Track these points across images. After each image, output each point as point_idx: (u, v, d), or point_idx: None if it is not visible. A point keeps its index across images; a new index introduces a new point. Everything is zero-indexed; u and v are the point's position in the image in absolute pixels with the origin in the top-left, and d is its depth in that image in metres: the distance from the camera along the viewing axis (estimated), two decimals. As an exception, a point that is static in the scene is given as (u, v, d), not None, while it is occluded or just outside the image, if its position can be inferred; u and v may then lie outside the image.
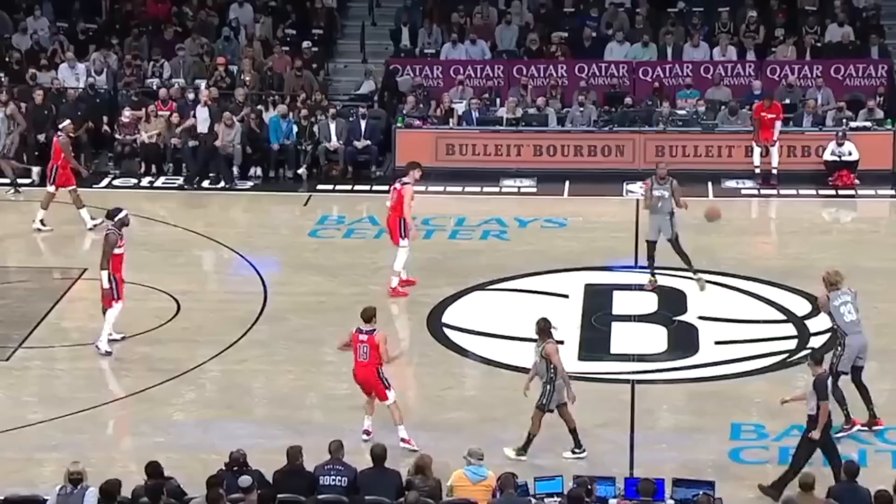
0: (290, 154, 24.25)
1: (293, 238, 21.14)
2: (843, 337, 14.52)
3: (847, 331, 14.49)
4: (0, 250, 20.13)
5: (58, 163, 20.87)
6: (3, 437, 14.55)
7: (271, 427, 14.86)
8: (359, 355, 14.54)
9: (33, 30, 26.79)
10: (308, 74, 25.78)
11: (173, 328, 17.49)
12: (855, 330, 14.50)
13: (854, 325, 14.50)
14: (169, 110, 24.55)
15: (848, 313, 14.51)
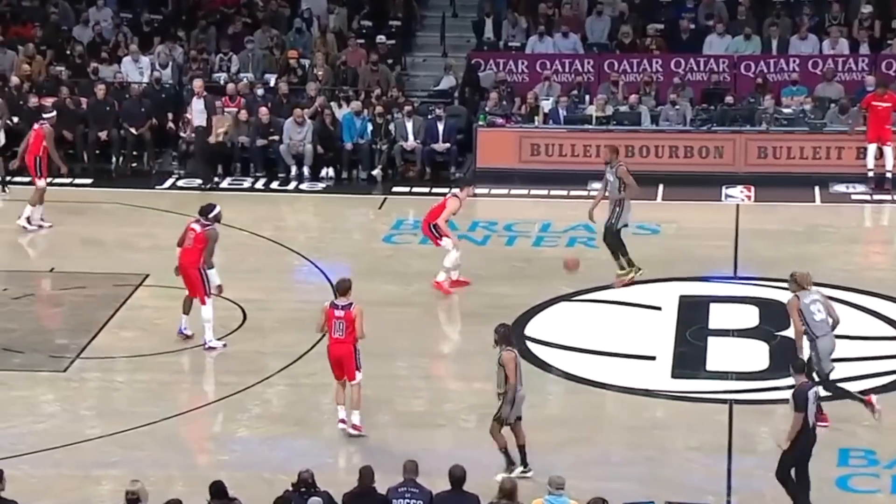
0: (363, 154, 24.32)
1: (366, 243, 21.19)
2: (814, 340, 14.87)
3: (816, 332, 14.86)
4: (56, 254, 20.36)
5: (40, 153, 21.05)
6: (60, 453, 14.70)
7: (341, 445, 14.89)
8: (334, 331, 14.85)
9: (96, 21, 27.11)
10: (384, 69, 25.85)
11: (238, 338, 17.59)
12: (824, 331, 14.89)
13: (823, 326, 14.89)
14: (237, 107, 24.73)
15: (818, 311, 14.90)
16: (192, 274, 17.07)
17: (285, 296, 19.10)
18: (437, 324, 18.28)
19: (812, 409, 13.32)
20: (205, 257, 17.02)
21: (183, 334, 17.33)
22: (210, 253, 17.03)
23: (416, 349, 17.49)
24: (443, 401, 16.26)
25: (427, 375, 16.88)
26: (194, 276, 17.05)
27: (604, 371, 16.61)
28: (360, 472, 12.56)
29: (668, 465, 14.53)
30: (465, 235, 21.54)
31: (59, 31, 27.04)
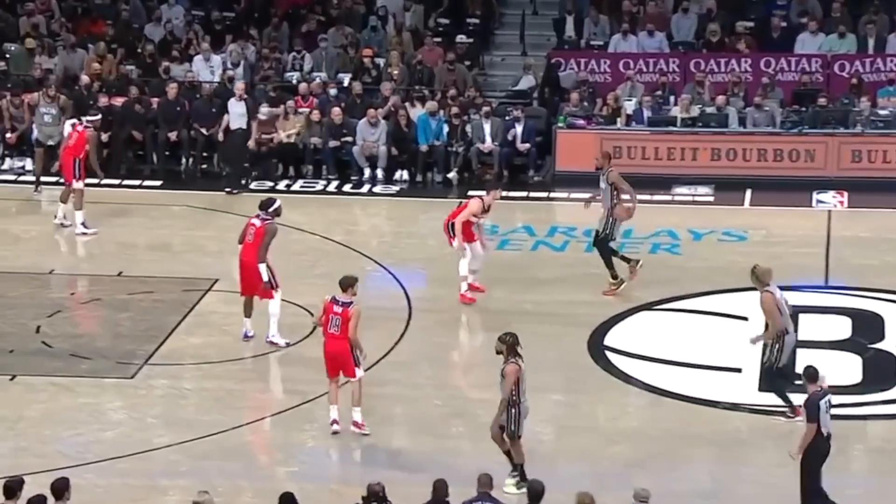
0: (439, 155, 24.37)
1: (441, 248, 21.13)
2: (783, 335, 15.34)
3: (789, 328, 15.40)
4: (125, 258, 20.58)
5: (80, 155, 21.24)
6: (127, 462, 14.84)
7: (414, 457, 14.92)
8: (330, 326, 15.09)
9: (167, 19, 27.36)
10: (461, 68, 25.88)
11: (308, 346, 17.68)
12: (791, 327, 15.51)
13: (789, 322, 15.48)
14: (309, 107, 24.88)
15: (785, 307, 15.46)
16: (251, 270, 17.24)
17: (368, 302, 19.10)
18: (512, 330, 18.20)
19: (825, 419, 13.32)
20: (260, 252, 17.17)
21: (248, 338, 17.45)
22: (265, 247, 17.20)
23: (490, 358, 17.45)
24: (518, 413, 16.23)
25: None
26: (254, 273, 17.22)
27: (687, 383, 16.51)
28: (434, 486, 12.58)
29: (752, 481, 14.41)
30: (544, 241, 21.54)
31: (131, 29, 27.31)
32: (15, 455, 14.86)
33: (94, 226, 21.64)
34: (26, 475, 12.36)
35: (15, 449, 15.06)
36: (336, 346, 15.24)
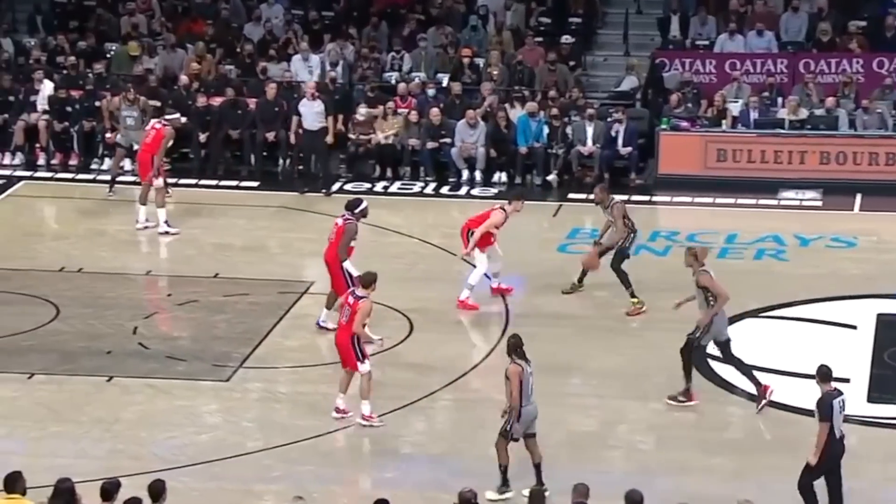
0: (538, 157, 24.36)
1: (539, 253, 21.20)
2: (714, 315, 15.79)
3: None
4: (221, 260, 20.81)
5: (156, 153, 21.43)
6: (221, 466, 15.00)
7: (510, 466, 14.91)
8: (342, 316, 15.69)
9: (266, 18, 27.61)
10: (562, 68, 25.85)
11: (405, 351, 17.78)
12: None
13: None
14: (407, 108, 24.98)
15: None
16: (333, 269, 17.47)
17: (453, 307, 19.21)
18: (612, 338, 18.21)
19: (838, 420, 13.32)
20: (339, 250, 17.39)
21: (322, 327, 17.65)
22: (344, 246, 17.41)
23: (590, 366, 17.46)
24: (617, 421, 16.20)
25: (600, 394, 16.83)
26: (335, 271, 17.44)
27: (793, 393, 16.34)
28: (531, 494, 12.58)
29: (862, 495, 14.23)
30: (645, 246, 21.44)
31: (230, 28, 27.58)
32: (111, 457, 15.09)
33: (192, 226, 21.91)
34: (122, 477, 12.55)
35: (111, 451, 15.29)
36: (339, 336, 15.75)
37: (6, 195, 23.58)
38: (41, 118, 25.11)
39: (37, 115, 25.20)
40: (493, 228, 18.81)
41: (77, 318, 18.45)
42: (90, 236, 21.58)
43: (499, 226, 18.88)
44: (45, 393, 16.53)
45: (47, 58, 26.53)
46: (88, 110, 25.10)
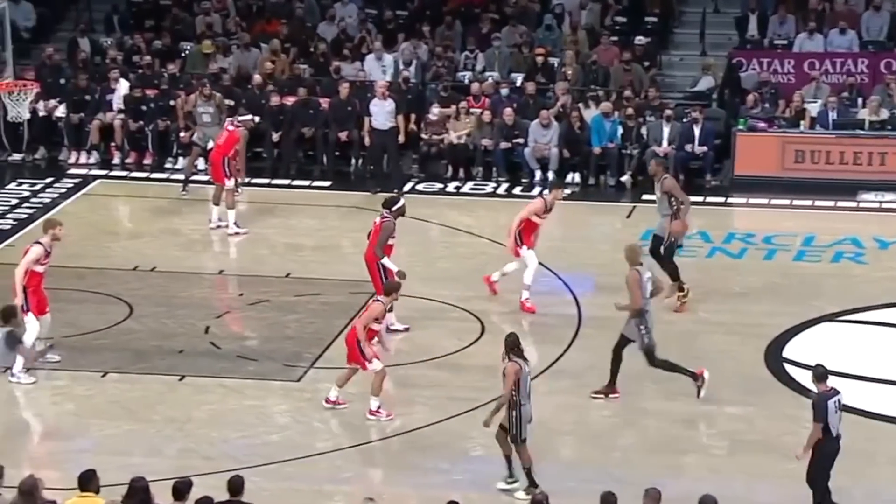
0: (612, 158, 24.29)
1: (613, 254, 20.98)
2: (645, 313, 15.99)
3: (647, 306, 16.07)
4: (293, 259, 20.92)
5: (229, 154, 21.52)
6: (292, 466, 15.08)
7: (581, 470, 14.92)
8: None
9: (340, 17, 27.73)
10: (637, 68, 25.77)
11: (476, 352, 17.80)
12: (649, 304, 16.20)
13: (648, 301, 16.16)
14: (481, 107, 25.00)
15: (649, 286, 16.23)
16: (371, 267, 17.69)
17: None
18: (688, 342, 18.11)
19: (834, 420, 13.40)
20: (375, 248, 17.55)
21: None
22: (381, 244, 17.55)
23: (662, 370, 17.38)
24: (690, 425, 16.12)
25: (674, 398, 16.75)
26: (373, 270, 17.67)
27: (872, 399, 16.19)
28: (602, 498, 12.56)
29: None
30: (720, 248, 21.34)
31: (304, 27, 27.73)
32: (183, 456, 15.23)
33: (264, 226, 22.06)
34: (194, 477, 12.66)
35: (183, 450, 15.43)
36: (349, 333, 15.97)
37: (81, 194, 23.85)
38: (116, 117, 25.39)
39: (112, 114, 25.48)
40: (534, 217, 18.72)
41: (150, 317, 18.63)
42: (163, 235, 21.78)
43: (539, 213, 18.79)
44: (117, 391, 16.72)
45: (123, 57, 26.80)
46: (163, 109, 25.33)
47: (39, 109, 25.25)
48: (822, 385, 13.61)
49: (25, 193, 23.63)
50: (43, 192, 23.72)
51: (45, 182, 24.17)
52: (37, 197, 23.52)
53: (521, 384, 14.28)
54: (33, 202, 23.27)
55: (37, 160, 25.37)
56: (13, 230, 21.92)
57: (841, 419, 13.53)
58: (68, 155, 25.38)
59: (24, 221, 22.33)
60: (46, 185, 24.03)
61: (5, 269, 18.04)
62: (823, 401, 13.47)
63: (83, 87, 25.65)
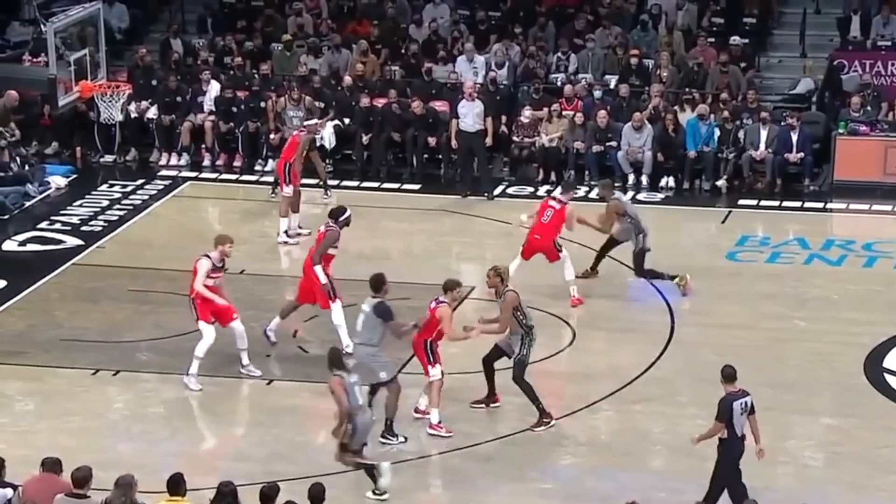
0: (708, 162, 24.16)
1: (708, 260, 21.05)
2: (530, 330, 15.95)
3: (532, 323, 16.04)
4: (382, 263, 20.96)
5: (291, 160, 21.56)
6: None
7: (672, 480, 14.87)
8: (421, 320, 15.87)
9: (432, 18, 27.82)
10: (735, 70, 25.61)
11: (566, 359, 17.80)
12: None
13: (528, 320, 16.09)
14: (573, 110, 24.97)
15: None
16: (307, 274, 17.81)
17: (617, 314, 19.18)
18: (783, 350, 18.00)
19: (740, 421, 13.66)
20: (314, 254, 17.71)
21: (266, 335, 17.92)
22: (320, 252, 17.71)
23: (758, 378, 17.20)
24: (786, 436, 16.01)
25: (770, 407, 16.58)
26: (310, 277, 17.77)
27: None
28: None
29: None
30: (818, 255, 21.17)
31: (396, 29, 27.84)
32: (270, 461, 15.36)
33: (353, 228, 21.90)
34: (281, 482, 12.79)
35: (270, 454, 15.56)
36: (415, 341, 15.96)
37: (172, 195, 24.13)
38: (207, 119, 25.65)
39: (203, 115, 25.73)
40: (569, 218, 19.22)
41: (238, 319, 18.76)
42: (252, 238, 21.97)
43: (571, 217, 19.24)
44: (205, 394, 16.90)
45: (215, 58, 27.07)
46: (254, 111, 25.54)
47: (131, 111, 25.59)
48: (729, 386, 13.83)
49: (116, 195, 23.94)
50: (133, 194, 24.01)
51: (136, 184, 24.46)
52: (127, 199, 23.81)
53: (350, 396, 14.38)
54: (124, 204, 23.57)
55: (128, 162, 25.68)
56: (104, 232, 22.22)
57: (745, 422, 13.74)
58: (159, 156, 25.67)
59: (115, 223, 22.63)
60: (137, 187, 24.32)
61: (98, 271, 18.31)
62: (729, 401, 13.68)
63: (174, 89, 25.92)
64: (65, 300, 19.60)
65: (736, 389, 13.86)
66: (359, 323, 15.91)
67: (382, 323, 15.79)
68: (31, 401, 16.88)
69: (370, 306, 15.88)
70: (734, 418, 13.68)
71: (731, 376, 13.93)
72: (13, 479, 12.85)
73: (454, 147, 24.28)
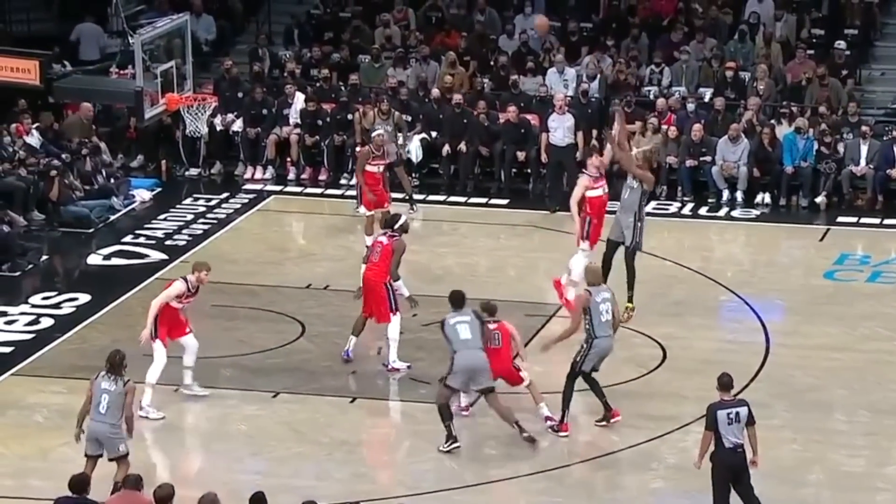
0: (806, 178, 23.96)
1: (804, 279, 20.86)
2: (593, 339, 16.01)
3: (598, 332, 16.00)
4: (468, 279, 20.99)
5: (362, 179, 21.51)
6: (463, 494, 15.15)
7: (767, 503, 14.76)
8: (492, 342, 16.22)
9: (522, 29, 27.82)
10: (835, 83, 25.37)
11: (657, 380, 17.71)
12: (606, 332, 16.11)
13: (606, 327, 16.10)
14: (667, 123, 24.87)
15: (605, 312, 16.07)
16: (378, 290, 17.66)
17: (710, 334, 19.07)
18: (884, 373, 17.79)
19: (728, 431, 13.70)
20: (391, 270, 17.62)
21: (347, 358, 17.92)
22: (396, 265, 17.64)
23: (857, 401, 17.11)
24: (886, 462, 15.84)
25: (869, 432, 16.47)
26: (380, 293, 17.64)
27: None
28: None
29: None
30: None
31: (485, 40, 27.84)
32: (354, 481, 15.41)
33: (439, 244, 22.13)
34: (365, 502, 12.83)
35: (354, 475, 15.60)
36: (496, 364, 16.10)
37: (256, 209, 24.31)
38: (293, 132, 25.82)
39: (289, 128, 25.91)
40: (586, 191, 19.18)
41: (322, 336, 18.91)
42: (337, 253, 22.09)
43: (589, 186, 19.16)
44: (287, 412, 17.00)
45: (301, 70, 27.23)
46: (340, 124, 25.65)
47: (217, 124, 25.83)
48: (723, 394, 13.94)
49: (201, 209, 24.16)
50: (218, 208, 24.22)
51: (221, 198, 24.66)
52: (212, 213, 24.01)
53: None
54: (208, 217, 23.78)
55: (213, 175, 25.91)
56: (188, 246, 22.42)
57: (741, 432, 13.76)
58: (244, 170, 25.86)
59: (199, 237, 22.84)
60: (221, 201, 24.53)
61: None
62: (713, 410, 13.81)
63: (260, 101, 26.10)
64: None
65: (729, 398, 13.95)
66: (465, 331, 16.03)
67: (480, 327, 16.14)
68: (112, 417, 17.05)
69: (469, 314, 16.21)
70: (720, 427, 13.74)
71: (726, 385, 14.04)
72: (95, 496, 13.00)
73: (544, 161, 24.26)
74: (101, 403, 14.40)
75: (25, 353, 18.54)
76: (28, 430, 16.60)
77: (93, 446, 14.53)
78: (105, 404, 14.37)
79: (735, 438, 13.81)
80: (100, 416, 14.41)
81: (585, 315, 16.12)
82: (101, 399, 14.40)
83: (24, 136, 24.41)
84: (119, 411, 14.41)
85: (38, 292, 20.63)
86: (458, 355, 16.08)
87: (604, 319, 16.16)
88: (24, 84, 21.65)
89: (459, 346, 16.17)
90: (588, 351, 16.16)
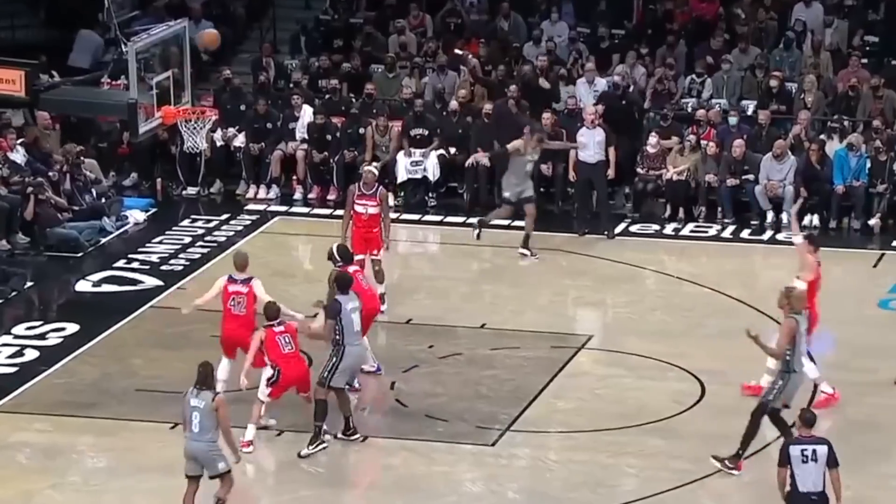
0: (858, 198, 24.00)
1: (857, 308, 20.86)
2: (790, 372, 16.10)
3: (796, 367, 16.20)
4: (490, 308, 21.07)
5: None
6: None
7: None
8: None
9: (549, 37, 27.86)
10: (890, 94, 25.40)
11: (695, 418, 17.73)
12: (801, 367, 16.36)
13: (799, 361, 16.31)
14: (706, 139, 24.91)
15: (804, 342, 16.37)
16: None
17: (753, 367, 19.04)
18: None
19: (805, 470, 13.81)
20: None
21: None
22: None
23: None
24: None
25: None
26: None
27: None
28: None
29: None
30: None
31: (508, 48, 27.89)
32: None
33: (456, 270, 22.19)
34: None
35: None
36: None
37: (259, 231, 24.34)
38: (299, 148, 25.82)
39: (295, 144, 25.89)
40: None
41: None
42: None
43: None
44: (297, 450, 17.01)
45: (309, 81, 27.26)
46: (350, 139, 25.70)
47: (217, 139, 25.88)
48: (802, 430, 14.17)
49: (199, 231, 24.23)
50: (218, 230, 24.27)
51: (221, 219, 24.71)
52: (211, 235, 24.06)
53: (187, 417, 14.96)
54: (207, 241, 23.82)
55: (212, 194, 25.95)
56: (185, 271, 22.49)
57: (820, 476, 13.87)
58: (246, 189, 25.87)
59: (198, 262, 22.90)
60: (221, 223, 24.58)
61: (179, 315, 18.49)
62: (787, 445, 14.10)
63: (264, 114, 26.14)
64: (142, 346, 19.89)
65: (807, 435, 14.06)
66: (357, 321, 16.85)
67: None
68: (103, 457, 17.14)
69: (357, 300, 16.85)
70: (794, 465, 13.87)
71: (808, 421, 14.20)
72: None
73: (572, 179, 24.32)
74: (194, 422, 14.95)
75: (8, 388, 18.64)
76: (10, 472, 16.67)
77: (192, 466, 15.13)
78: (197, 423, 14.93)
79: (812, 484, 13.86)
80: (195, 436, 14.99)
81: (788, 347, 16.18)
82: (192, 417, 14.96)
83: (8, 153, 24.50)
84: (213, 427, 14.92)
85: (22, 322, 20.75)
86: (348, 350, 16.59)
87: (802, 349, 16.35)
88: (8, 96, 21.77)
89: (351, 339, 16.64)
90: (784, 386, 16.25)
